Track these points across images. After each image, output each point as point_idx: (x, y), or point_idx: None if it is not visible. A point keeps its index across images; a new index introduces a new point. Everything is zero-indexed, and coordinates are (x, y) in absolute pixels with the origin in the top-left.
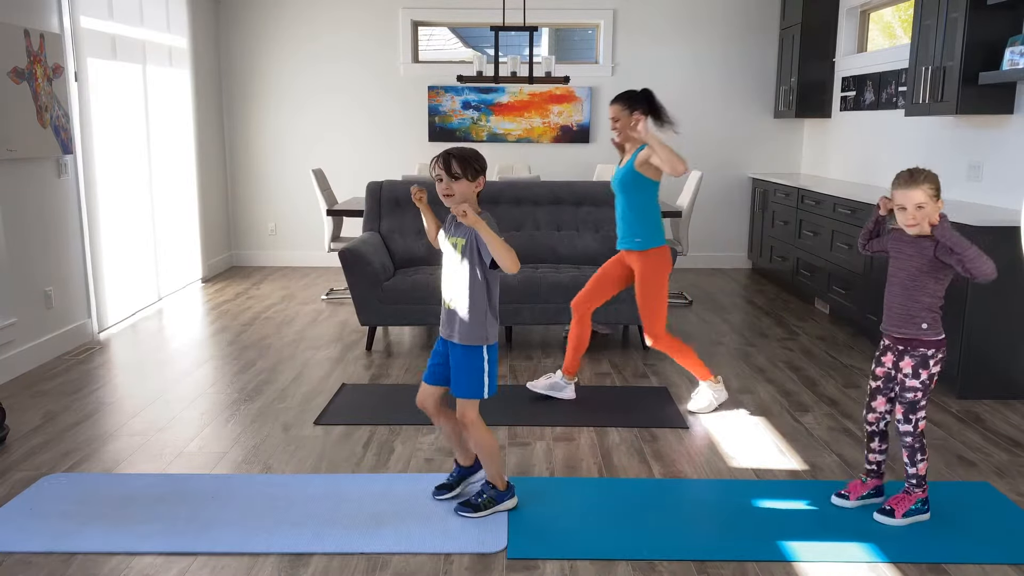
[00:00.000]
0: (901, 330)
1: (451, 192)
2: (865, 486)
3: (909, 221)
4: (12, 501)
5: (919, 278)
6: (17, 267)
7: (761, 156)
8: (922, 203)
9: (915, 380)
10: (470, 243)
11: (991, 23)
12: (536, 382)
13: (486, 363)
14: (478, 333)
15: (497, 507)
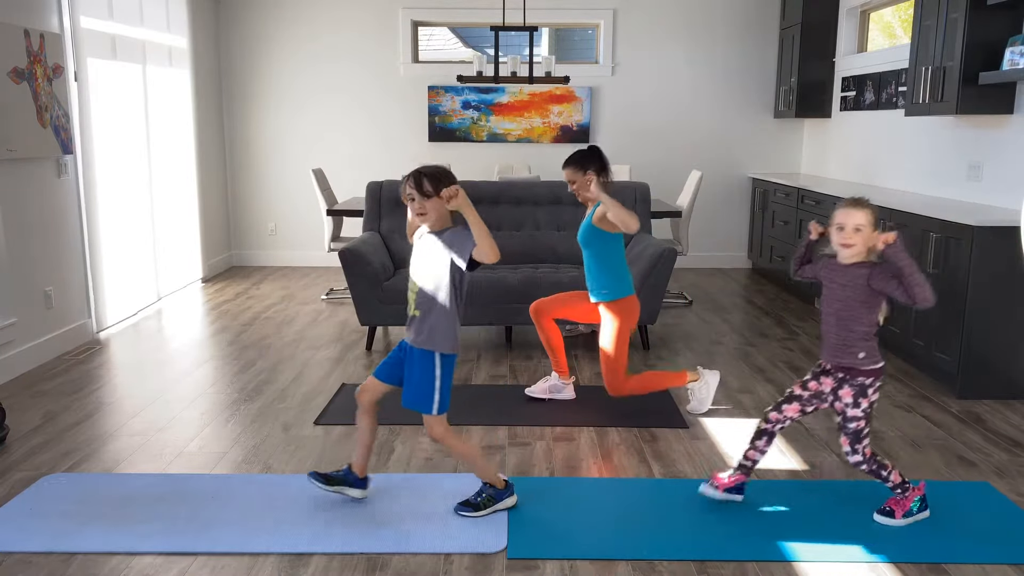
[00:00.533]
0: (839, 360)
1: (424, 211)
2: (733, 479)
3: (845, 240)
4: (12, 501)
5: (853, 308)
6: (17, 267)
7: (761, 156)
8: (861, 225)
9: (856, 410)
10: (442, 251)
11: (991, 23)
12: (534, 387)
13: (437, 377)
14: (436, 338)
15: (496, 506)
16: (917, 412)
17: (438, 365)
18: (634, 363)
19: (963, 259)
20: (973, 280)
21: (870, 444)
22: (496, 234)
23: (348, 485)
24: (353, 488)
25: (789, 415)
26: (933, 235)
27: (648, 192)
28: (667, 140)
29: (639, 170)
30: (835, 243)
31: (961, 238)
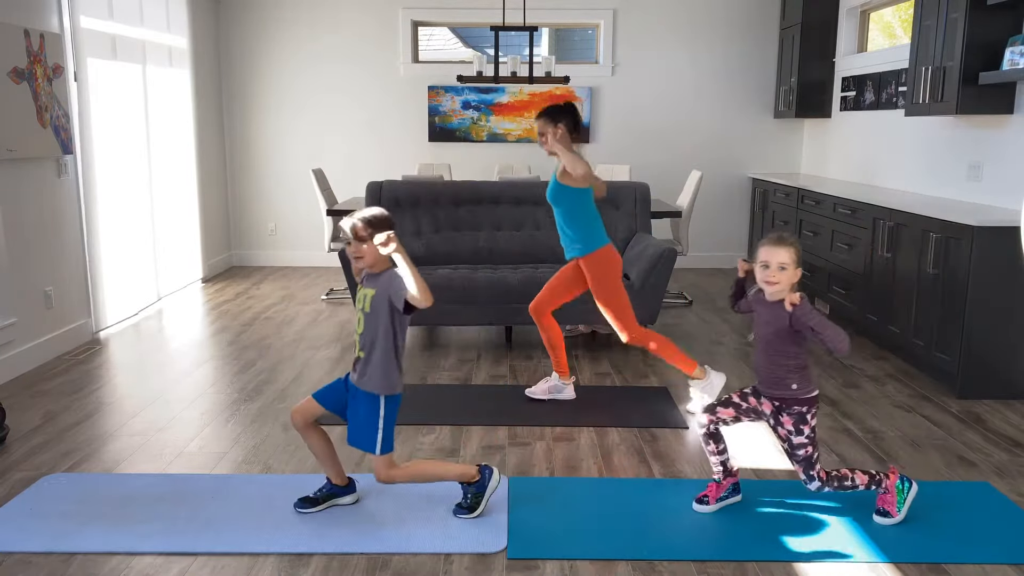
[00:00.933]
0: (773, 391)
1: (360, 254)
2: (721, 487)
3: (769, 278)
4: (12, 501)
5: (776, 343)
6: (17, 267)
7: (761, 156)
8: (784, 263)
9: (800, 437)
10: (381, 293)
11: (991, 23)
12: (535, 388)
13: (381, 418)
14: (384, 382)
15: (486, 495)
16: (917, 412)
17: (382, 406)
18: (634, 362)
19: (963, 259)
20: (973, 280)
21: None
22: (496, 234)
23: (336, 496)
24: (343, 496)
25: (723, 416)
26: (933, 235)
27: (648, 192)
28: (667, 140)
29: (639, 170)
30: (760, 280)
31: (961, 238)
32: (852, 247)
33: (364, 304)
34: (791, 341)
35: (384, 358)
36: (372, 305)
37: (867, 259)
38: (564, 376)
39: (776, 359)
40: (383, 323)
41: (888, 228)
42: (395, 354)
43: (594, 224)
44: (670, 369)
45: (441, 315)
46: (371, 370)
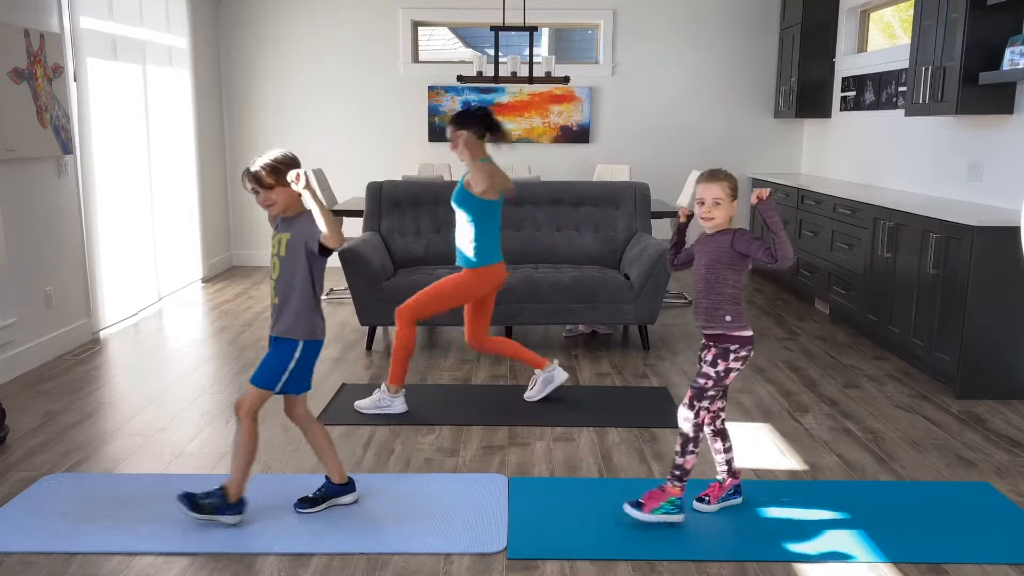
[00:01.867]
0: (709, 325)
1: (271, 201)
2: (724, 487)
3: (705, 214)
4: (12, 501)
5: (718, 270)
6: (17, 267)
7: (761, 156)
8: (719, 198)
9: (710, 368)
10: (296, 237)
11: (991, 23)
12: (531, 392)
13: (294, 360)
14: (303, 327)
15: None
16: (917, 412)
17: (298, 350)
18: (634, 362)
19: (963, 259)
20: (973, 280)
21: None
22: None
23: (335, 495)
24: (342, 496)
25: (715, 408)
26: (933, 235)
27: (648, 192)
28: (667, 140)
29: (639, 170)
30: (698, 216)
31: (961, 238)
32: (852, 247)
33: (279, 248)
34: (730, 267)
35: (301, 303)
36: (288, 249)
37: (867, 259)
38: (544, 366)
39: (715, 287)
40: (300, 268)
41: (888, 228)
42: (314, 299)
43: (490, 239)
44: (670, 370)
45: (441, 315)
46: (287, 315)
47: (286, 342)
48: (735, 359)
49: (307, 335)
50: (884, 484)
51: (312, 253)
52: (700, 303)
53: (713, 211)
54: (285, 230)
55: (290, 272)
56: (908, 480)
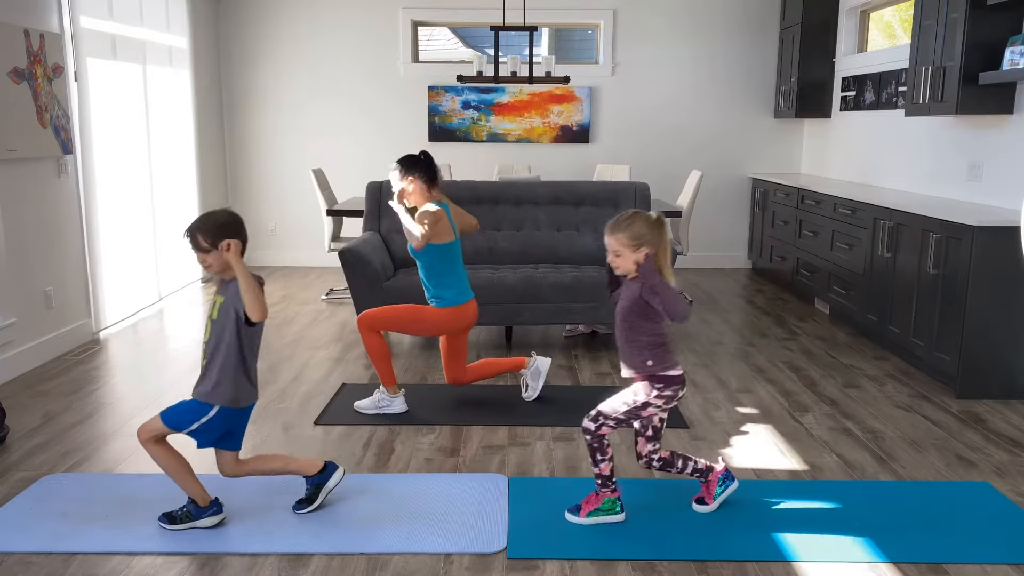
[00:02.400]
0: (629, 369)
1: (207, 263)
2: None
3: (611, 261)
4: (12, 501)
5: (629, 318)
6: (17, 267)
7: (761, 156)
8: (617, 251)
9: (630, 394)
10: (228, 302)
11: (991, 23)
12: (527, 392)
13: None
14: (220, 394)
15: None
16: (917, 412)
17: (210, 414)
18: None
19: (963, 259)
20: (973, 280)
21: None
22: (496, 234)
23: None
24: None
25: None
26: (933, 235)
27: (648, 192)
28: (667, 140)
29: (639, 170)
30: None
31: (961, 238)
32: (852, 247)
33: (213, 311)
34: (643, 316)
35: (224, 369)
36: (220, 312)
37: (867, 259)
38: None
39: (629, 335)
40: (228, 332)
41: (888, 228)
42: (242, 366)
43: (455, 279)
44: None
45: None
46: (208, 379)
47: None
48: (657, 396)
49: (225, 401)
50: (884, 484)
51: (240, 320)
52: (621, 346)
53: (616, 261)
54: (221, 293)
55: (219, 335)
56: (908, 480)
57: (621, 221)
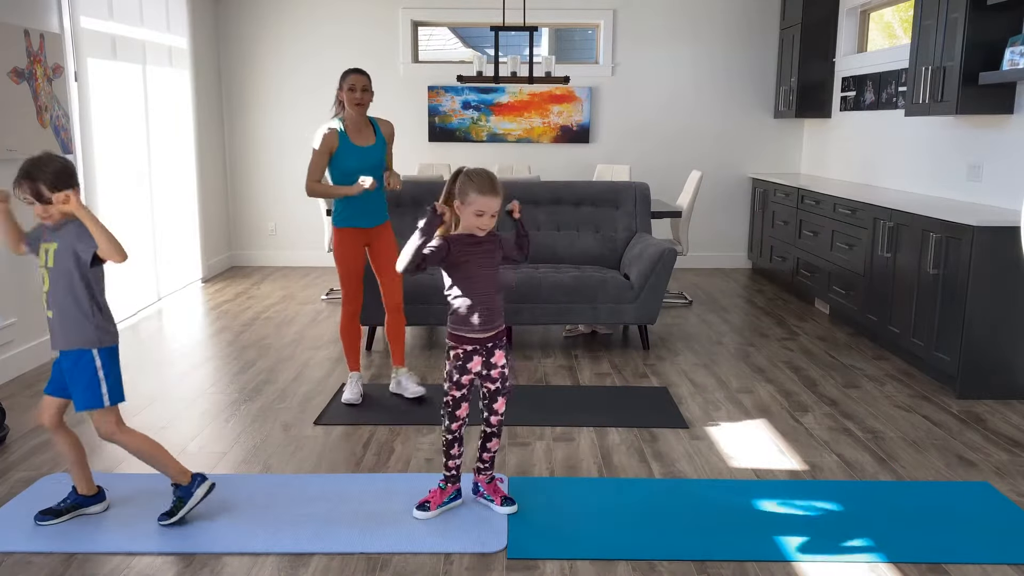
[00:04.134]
0: (500, 324)
1: (49, 214)
2: (445, 492)
3: (484, 226)
4: (12, 501)
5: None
6: (17, 267)
7: (761, 156)
8: (497, 211)
9: (507, 368)
10: (65, 247)
11: (991, 23)
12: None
13: (99, 368)
14: (84, 335)
15: (188, 504)
16: (917, 412)
17: (97, 358)
18: (634, 362)
19: (963, 259)
20: (973, 280)
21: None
22: None
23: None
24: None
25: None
26: (933, 235)
27: (648, 192)
28: (667, 140)
29: (639, 170)
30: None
31: (961, 238)
32: (852, 247)
33: (47, 260)
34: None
35: (81, 311)
36: (56, 260)
37: (867, 259)
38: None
39: (500, 288)
40: (74, 277)
41: (888, 228)
42: (98, 306)
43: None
44: (670, 370)
45: (441, 315)
46: (69, 326)
47: (77, 354)
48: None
49: (97, 342)
50: (884, 484)
51: (83, 262)
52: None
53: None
54: (52, 239)
55: (63, 283)
56: (908, 480)
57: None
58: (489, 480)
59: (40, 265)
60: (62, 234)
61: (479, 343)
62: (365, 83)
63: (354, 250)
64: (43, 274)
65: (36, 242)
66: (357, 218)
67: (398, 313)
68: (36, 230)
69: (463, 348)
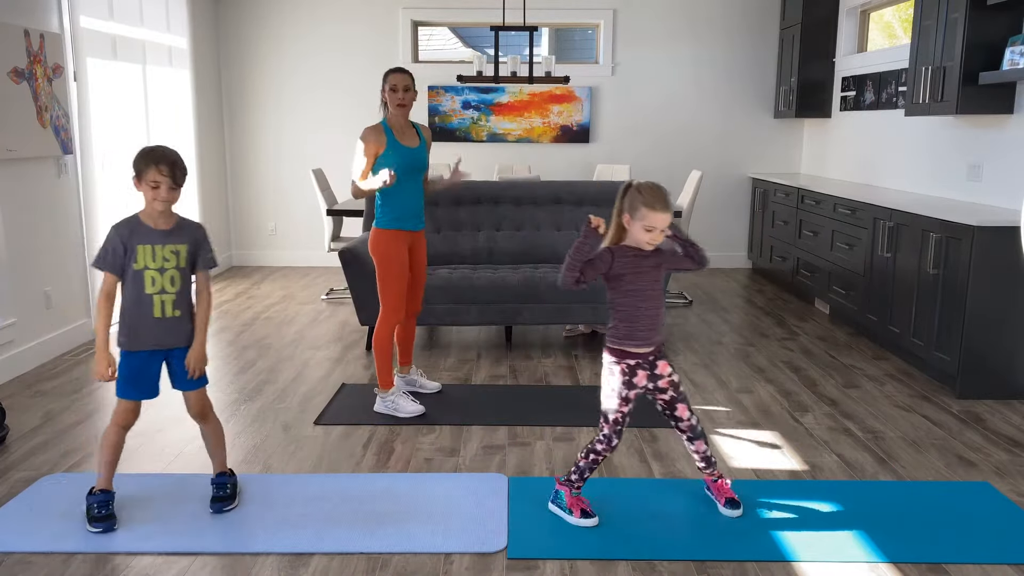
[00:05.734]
0: (658, 338)
1: (174, 199)
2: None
3: (654, 241)
4: (12, 501)
5: (659, 287)
6: (17, 267)
7: (761, 156)
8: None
9: (676, 373)
10: (192, 250)
11: (991, 23)
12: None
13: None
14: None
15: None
16: (917, 412)
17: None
18: None
19: (963, 259)
20: (973, 280)
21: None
22: (496, 234)
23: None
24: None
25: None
26: (933, 235)
27: None
28: (667, 140)
29: (639, 170)
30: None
31: (961, 238)
32: (852, 247)
33: (179, 260)
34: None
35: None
36: (186, 261)
37: (867, 259)
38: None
39: (662, 302)
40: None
41: (888, 228)
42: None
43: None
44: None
45: (441, 315)
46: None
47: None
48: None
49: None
50: (884, 484)
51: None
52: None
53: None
54: (178, 241)
55: (187, 283)
56: (908, 480)
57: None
58: (715, 479)
59: (167, 266)
60: (181, 236)
61: (641, 357)
62: (407, 83)
63: (403, 253)
64: (172, 275)
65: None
66: (406, 220)
67: (414, 318)
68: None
69: (626, 363)
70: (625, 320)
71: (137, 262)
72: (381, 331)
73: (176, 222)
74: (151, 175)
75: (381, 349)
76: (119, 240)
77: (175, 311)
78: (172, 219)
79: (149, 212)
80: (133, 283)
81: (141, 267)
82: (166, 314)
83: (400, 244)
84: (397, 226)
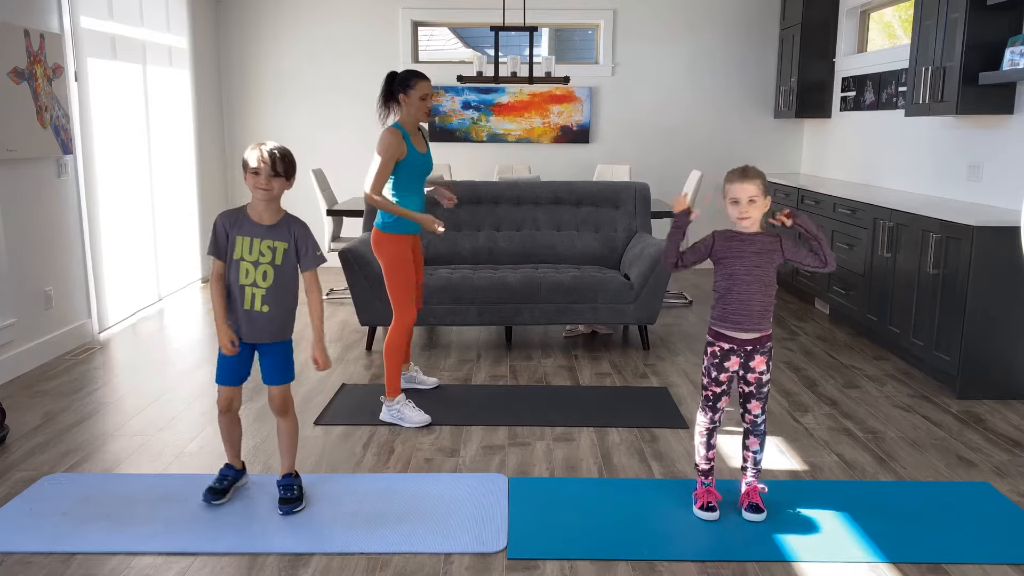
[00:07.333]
0: (760, 328)
1: (271, 187)
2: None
3: (742, 214)
4: (12, 501)
5: (765, 276)
6: (17, 267)
7: (761, 156)
8: (754, 196)
9: (768, 374)
10: (292, 248)
11: (991, 23)
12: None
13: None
14: (291, 327)
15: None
16: (917, 412)
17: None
18: (634, 362)
19: (963, 259)
20: (973, 280)
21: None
22: (496, 234)
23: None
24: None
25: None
26: (933, 235)
27: (648, 192)
28: (667, 140)
29: (639, 170)
30: (733, 218)
31: (961, 238)
32: (852, 247)
33: (275, 257)
34: (774, 270)
35: (294, 306)
36: (284, 258)
37: (867, 259)
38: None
39: (769, 291)
40: (291, 276)
41: (888, 228)
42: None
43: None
44: (670, 369)
45: (441, 315)
46: (285, 319)
47: (286, 344)
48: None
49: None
50: (884, 484)
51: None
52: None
53: (749, 209)
54: (277, 238)
55: (284, 280)
56: (908, 480)
57: (750, 169)
58: (749, 482)
59: (262, 261)
60: (289, 234)
61: (737, 343)
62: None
63: (409, 256)
64: (266, 270)
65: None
66: (412, 223)
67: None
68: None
69: (719, 346)
70: (720, 302)
71: (235, 252)
72: (395, 336)
73: (281, 218)
74: (252, 163)
75: (393, 355)
76: (223, 228)
77: (263, 306)
78: (277, 215)
79: (254, 204)
80: (232, 272)
81: (238, 257)
82: (255, 307)
83: (406, 247)
84: (404, 230)
